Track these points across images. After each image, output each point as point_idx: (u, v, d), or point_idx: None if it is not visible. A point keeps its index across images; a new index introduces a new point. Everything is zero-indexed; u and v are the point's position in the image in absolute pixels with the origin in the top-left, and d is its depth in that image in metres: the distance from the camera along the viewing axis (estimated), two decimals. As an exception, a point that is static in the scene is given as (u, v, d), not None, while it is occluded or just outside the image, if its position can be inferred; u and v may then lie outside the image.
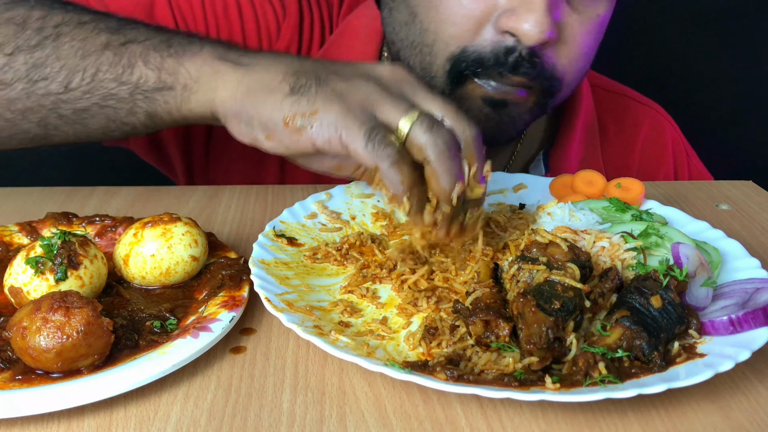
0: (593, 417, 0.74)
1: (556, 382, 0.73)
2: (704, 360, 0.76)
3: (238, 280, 0.90)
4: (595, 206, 1.07)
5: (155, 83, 0.99)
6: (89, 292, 0.85)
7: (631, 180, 1.13)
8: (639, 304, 0.80)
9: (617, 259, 0.90)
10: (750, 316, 0.79)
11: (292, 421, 0.72)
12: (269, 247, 0.98)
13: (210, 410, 0.73)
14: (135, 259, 0.90)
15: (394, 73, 0.94)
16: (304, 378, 0.78)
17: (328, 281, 0.95)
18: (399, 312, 0.89)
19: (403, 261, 0.96)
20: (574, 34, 1.14)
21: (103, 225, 1.02)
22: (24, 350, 0.73)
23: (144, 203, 1.21)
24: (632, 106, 1.55)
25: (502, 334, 0.77)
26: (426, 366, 0.75)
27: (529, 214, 1.08)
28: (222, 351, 0.82)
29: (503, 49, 1.10)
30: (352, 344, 0.79)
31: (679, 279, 0.84)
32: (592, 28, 1.17)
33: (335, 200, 1.13)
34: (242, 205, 1.21)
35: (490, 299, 0.82)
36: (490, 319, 0.78)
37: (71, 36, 1.02)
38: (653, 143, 1.53)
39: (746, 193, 1.32)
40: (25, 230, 1.00)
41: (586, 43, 1.17)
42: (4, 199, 1.20)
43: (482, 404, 0.75)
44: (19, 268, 0.84)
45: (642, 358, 0.76)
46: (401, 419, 0.73)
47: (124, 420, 0.72)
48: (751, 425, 0.73)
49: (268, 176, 1.42)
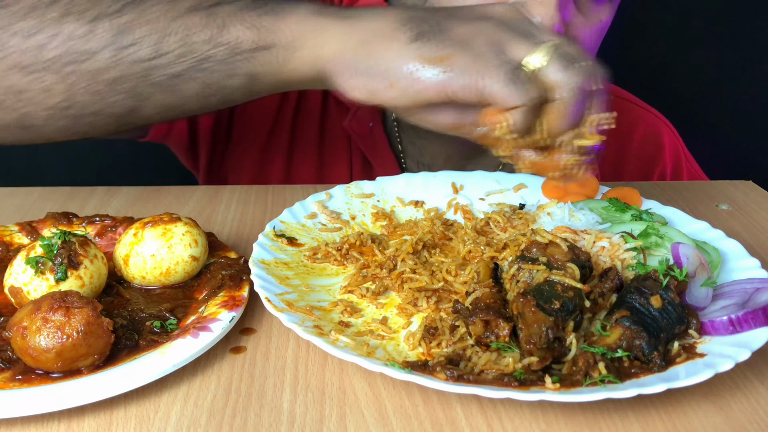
0: (593, 417, 0.74)
1: (556, 382, 0.73)
2: (704, 360, 0.76)
3: (238, 280, 0.90)
4: (595, 206, 1.08)
5: (253, 43, 0.93)
6: (89, 292, 0.85)
7: None
8: (639, 304, 0.80)
9: (617, 259, 0.90)
10: (750, 316, 0.79)
11: (292, 421, 0.72)
12: (269, 247, 0.98)
13: (210, 410, 0.73)
14: (135, 259, 0.90)
15: (512, 11, 0.90)
16: (304, 378, 0.78)
17: (328, 281, 0.95)
18: (399, 312, 0.89)
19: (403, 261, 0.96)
20: (579, 36, 1.15)
21: (103, 225, 1.02)
22: (24, 350, 0.73)
23: (144, 203, 1.21)
24: (629, 108, 1.56)
25: (502, 334, 0.77)
26: (426, 366, 0.75)
27: (529, 214, 1.09)
28: (222, 351, 0.82)
29: None
30: (352, 344, 0.79)
31: (679, 279, 0.84)
32: (594, 32, 1.18)
33: (335, 200, 1.13)
34: (242, 205, 1.21)
35: (490, 299, 0.82)
36: (490, 319, 0.78)
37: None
38: (649, 144, 1.54)
39: (746, 193, 1.32)
40: (25, 230, 1.00)
41: (587, 47, 1.18)
42: (4, 199, 1.20)
43: (482, 404, 0.75)
44: (20, 268, 0.84)
45: (642, 358, 0.76)
46: (401, 419, 0.73)
47: (124, 420, 0.72)
48: (751, 425, 0.73)
49: (274, 171, 1.42)
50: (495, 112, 0.86)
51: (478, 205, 1.16)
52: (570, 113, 0.85)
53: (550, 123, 0.86)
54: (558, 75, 0.83)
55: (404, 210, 1.14)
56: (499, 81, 0.82)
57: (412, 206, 1.15)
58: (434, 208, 1.14)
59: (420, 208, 1.15)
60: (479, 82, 0.83)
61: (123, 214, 1.07)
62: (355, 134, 1.41)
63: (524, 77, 0.83)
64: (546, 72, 0.84)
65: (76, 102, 0.97)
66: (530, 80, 0.83)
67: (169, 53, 0.95)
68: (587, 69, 0.85)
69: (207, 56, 0.94)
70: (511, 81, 0.82)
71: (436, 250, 1.00)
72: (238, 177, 1.47)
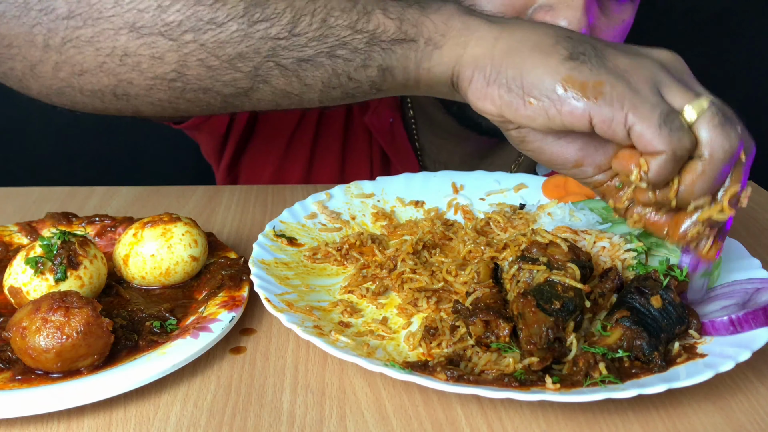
0: (593, 417, 0.74)
1: (556, 383, 0.73)
2: (705, 360, 0.76)
3: (238, 280, 0.90)
4: (595, 206, 1.07)
5: (395, 33, 0.86)
6: (89, 292, 0.85)
7: None
8: (639, 304, 0.80)
9: (617, 260, 0.90)
10: (750, 316, 0.79)
11: (292, 422, 0.72)
12: (269, 247, 0.98)
13: (210, 410, 0.73)
14: (135, 259, 0.90)
15: (674, 58, 0.83)
16: (304, 378, 0.78)
17: (328, 281, 0.95)
18: (399, 312, 0.89)
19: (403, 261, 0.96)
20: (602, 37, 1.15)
21: (103, 225, 1.02)
22: (24, 350, 0.73)
23: (144, 203, 1.21)
24: None
25: (503, 335, 0.77)
26: (426, 366, 0.75)
27: (529, 214, 1.08)
28: (222, 351, 0.82)
29: None
30: (352, 344, 0.79)
31: (680, 279, 0.84)
32: (617, 33, 1.17)
33: (335, 200, 1.13)
34: (242, 205, 1.21)
35: (490, 299, 0.82)
36: (490, 320, 0.78)
37: None
38: None
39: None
40: (25, 230, 1.00)
41: None
42: (4, 199, 1.20)
43: (482, 404, 0.75)
44: (19, 268, 0.83)
45: (642, 358, 0.76)
46: (401, 419, 0.73)
47: (124, 420, 0.71)
48: (751, 425, 0.73)
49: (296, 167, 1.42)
50: (632, 154, 0.79)
51: (478, 205, 1.16)
52: (714, 176, 0.77)
53: (687, 182, 0.78)
54: (713, 132, 0.76)
55: (404, 210, 1.14)
56: (651, 120, 0.75)
57: (412, 206, 1.15)
58: (434, 208, 1.14)
59: (420, 208, 1.15)
60: (629, 117, 0.76)
61: (123, 214, 1.07)
62: (375, 130, 1.41)
63: (679, 124, 0.76)
64: (700, 126, 0.77)
65: (186, 75, 0.87)
66: (684, 128, 0.76)
67: (303, 35, 0.86)
68: (742, 135, 0.79)
69: (343, 42, 0.86)
70: (665, 123, 0.75)
71: (436, 250, 1.00)
72: (259, 173, 1.47)
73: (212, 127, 1.42)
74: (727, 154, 0.77)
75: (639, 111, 0.75)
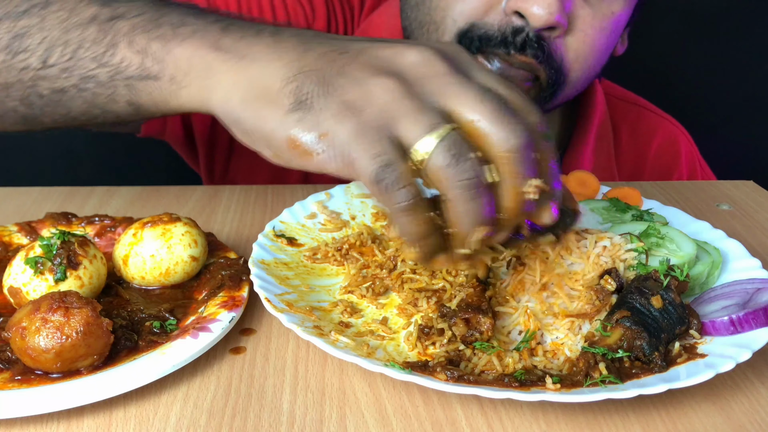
0: (594, 417, 0.73)
1: (556, 383, 0.73)
2: (705, 360, 0.76)
3: (238, 280, 0.90)
4: (595, 206, 1.07)
5: (138, 70, 0.83)
6: (88, 293, 0.85)
7: (587, 174, 1.14)
8: (639, 305, 0.80)
9: (618, 260, 0.90)
10: (751, 316, 0.79)
11: (292, 422, 0.72)
12: (269, 248, 0.97)
13: (210, 410, 0.73)
14: (134, 259, 0.90)
15: (425, 60, 0.73)
16: (304, 378, 0.78)
17: (328, 281, 0.95)
18: (399, 312, 0.89)
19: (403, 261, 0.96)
20: (585, 28, 1.14)
21: (103, 225, 1.02)
22: (23, 350, 0.73)
23: (144, 203, 1.20)
24: (646, 116, 1.55)
25: (484, 329, 0.77)
26: (426, 366, 0.75)
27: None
28: (222, 351, 0.82)
29: (511, 29, 1.11)
30: (352, 345, 0.79)
31: (680, 279, 0.84)
32: (605, 25, 1.16)
33: (335, 200, 1.12)
34: (242, 205, 1.21)
35: (473, 298, 0.82)
36: (470, 317, 0.78)
37: (60, 4, 0.88)
38: (666, 152, 1.53)
39: (747, 193, 1.32)
40: (25, 230, 1.00)
41: (596, 40, 1.16)
42: (3, 199, 1.20)
43: (482, 405, 0.75)
44: (19, 268, 0.83)
45: (643, 358, 0.76)
46: (401, 420, 0.73)
47: (124, 420, 0.71)
48: (751, 425, 0.73)
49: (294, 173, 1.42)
50: None
51: (478, 205, 1.15)
52: (462, 214, 0.69)
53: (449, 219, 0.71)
54: (442, 171, 0.68)
55: (404, 210, 1.14)
56: (366, 177, 0.69)
57: (412, 206, 1.14)
58: (434, 208, 1.14)
59: (420, 208, 1.14)
60: (351, 172, 0.71)
61: (122, 214, 1.07)
62: None
63: (394, 179, 0.68)
64: (430, 164, 0.68)
65: None
66: (402, 182, 0.68)
67: (55, 66, 0.87)
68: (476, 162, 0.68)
69: (89, 75, 0.86)
70: (378, 179, 0.68)
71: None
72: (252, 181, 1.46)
73: (172, 136, 1.40)
74: (463, 189, 0.68)
75: (356, 167, 0.70)
